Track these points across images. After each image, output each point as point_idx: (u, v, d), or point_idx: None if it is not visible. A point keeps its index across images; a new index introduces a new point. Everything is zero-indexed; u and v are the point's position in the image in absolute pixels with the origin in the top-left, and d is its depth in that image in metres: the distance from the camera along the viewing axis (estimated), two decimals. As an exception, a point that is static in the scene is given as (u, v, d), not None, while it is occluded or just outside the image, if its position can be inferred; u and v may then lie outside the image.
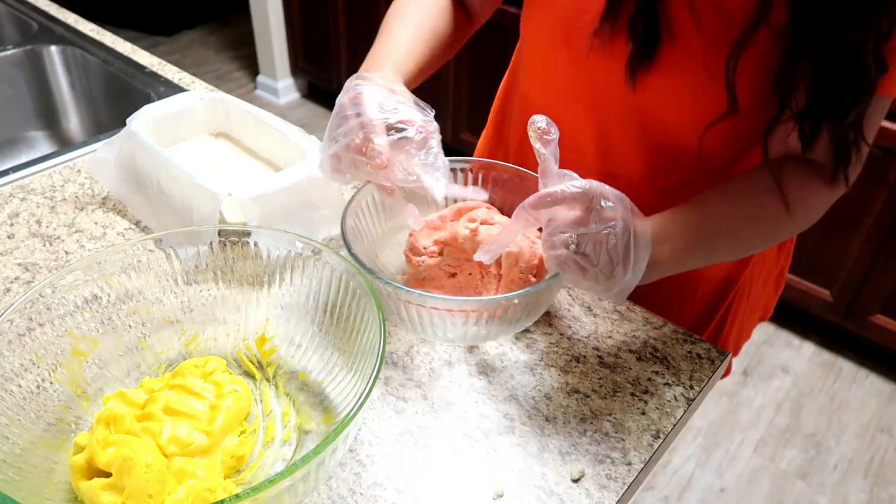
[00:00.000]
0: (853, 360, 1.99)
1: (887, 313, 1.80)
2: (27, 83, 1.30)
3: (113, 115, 1.28)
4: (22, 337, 0.57)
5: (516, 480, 0.60)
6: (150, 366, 0.66)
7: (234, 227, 0.67)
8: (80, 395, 0.61)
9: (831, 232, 1.79)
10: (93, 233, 0.87)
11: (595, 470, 0.61)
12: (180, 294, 0.67)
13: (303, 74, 3.10)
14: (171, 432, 0.55)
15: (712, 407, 1.85)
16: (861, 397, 1.89)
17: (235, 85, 3.31)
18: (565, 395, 0.68)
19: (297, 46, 3.00)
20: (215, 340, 0.68)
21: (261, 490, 0.45)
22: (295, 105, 3.18)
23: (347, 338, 0.62)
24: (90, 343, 0.62)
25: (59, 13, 1.41)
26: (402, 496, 0.59)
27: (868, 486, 1.67)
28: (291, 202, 0.78)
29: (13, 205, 0.92)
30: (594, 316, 0.77)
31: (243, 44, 3.62)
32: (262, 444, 0.60)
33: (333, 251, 0.63)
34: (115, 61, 1.25)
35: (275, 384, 0.66)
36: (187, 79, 1.22)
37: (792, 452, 1.75)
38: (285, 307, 0.67)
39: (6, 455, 0.52)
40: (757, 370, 1.96)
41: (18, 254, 0.84)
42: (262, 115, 0.90)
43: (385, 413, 0.66)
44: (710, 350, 0.73)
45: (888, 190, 1.65)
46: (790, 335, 2.06)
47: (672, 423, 0.65)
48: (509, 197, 0.78)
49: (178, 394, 0.59)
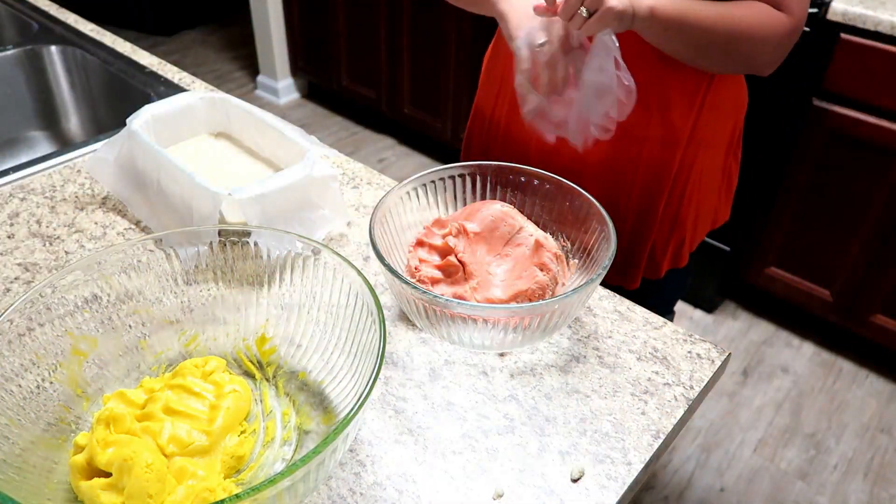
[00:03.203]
0: (853, 360, 1.99)
1: (887, 313, 1.80)
2: (27, 83, 1.30)
3: (113, 115, 1.28)
4: (22, 337, 0.57)
5: (516, 480, 0.60)
6: (150, 366, 0.66)
7: (234, 227, 0.67)
8: (80, 395, 0.61)
9: (831, 232, 1.79)
10: (93, 233, 0.87)
11: (595, 470, 0.61)
12: (180, 294, 0.67)
13: (303, 74, 3.10)
14: (171, 432, 0.55)
15: (712, 407, 1.85)
16: (861, 397, 1.89)
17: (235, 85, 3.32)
18: (565, 395, 0.68)
19: (297, 46, 3.00)
20: (215, 340, 0.68)
21: (261, 490, 0.45)
22: (295, 105, 3.18)
23: (347, 338, 0.62)
24: (90, 343, 0.62)
25: (59, 13, 1.41)
26: (402, 496, 0.59)
27: (868, 486, 1.67)
28: (291, 202, 0.78)
29: (13, 205, 0.92)
30: (594, 316, 0.77)
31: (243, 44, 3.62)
32: (262, 444, 0.60)
33: (333, 251, 0.63)
34: (115, 61, 1.25)
35: (275, 384, 0.66)
36: (187, 79, 1.22)
37: (792, 452, 1.75)
38: (285, 307, 0.67)
39: (6, 455, 0.52)
40: (757, 370, 1.96)
41: (18, 254, 0.84)
42: (262, 115, 0.90)
43: (385, 413, 0.66)
44: (710, 350, 0.73)
45: (888, 190, 1.65)
46: (790, 335, 2.06)
47: (672, 423, 0.65)
48: (528, 199, 0.79)
49: (177, 394, 0.59)
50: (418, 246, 0.75)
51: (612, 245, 0.68)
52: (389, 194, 0.74)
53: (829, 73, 1.63)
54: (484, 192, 0.80)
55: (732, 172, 1.08)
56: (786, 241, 1.89)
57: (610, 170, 0.97)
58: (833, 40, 1.60)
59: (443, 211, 0.80)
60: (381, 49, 2.63)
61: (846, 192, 1.73)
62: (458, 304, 0.63)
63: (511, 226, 0.75)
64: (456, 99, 2.50)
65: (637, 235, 1.01)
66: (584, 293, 0.65)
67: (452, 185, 0.79)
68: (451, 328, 0.66)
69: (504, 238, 0.75)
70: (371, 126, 3.02)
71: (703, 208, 1.05)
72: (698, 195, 1.02)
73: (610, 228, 0.70)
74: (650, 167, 0.96)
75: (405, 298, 0.66)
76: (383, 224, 0.73)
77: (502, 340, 0.67)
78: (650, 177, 0.97)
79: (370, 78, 2.74)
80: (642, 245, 1.02)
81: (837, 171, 1.72)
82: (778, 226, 1.88)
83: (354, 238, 0.88)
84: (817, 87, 1.67)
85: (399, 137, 2.95)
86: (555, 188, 0.77)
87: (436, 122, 2.63)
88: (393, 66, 2.63)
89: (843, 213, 1.75)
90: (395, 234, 0.76)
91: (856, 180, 1.70)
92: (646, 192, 0.98)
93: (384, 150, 2.89)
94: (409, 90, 2.65)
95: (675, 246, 1.04)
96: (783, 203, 1.84)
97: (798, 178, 1.78)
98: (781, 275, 1.94)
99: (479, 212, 0.76)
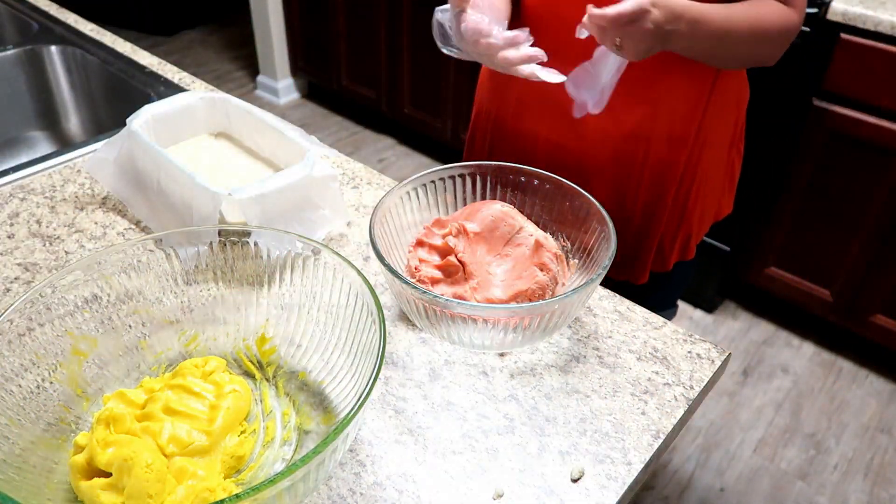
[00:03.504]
0: (853, 360, 1.99)
1: (887, 313, 1.80)
2: (27, 83, 1.30)
3: (113, 115, 1.28)
4: (22, 337, 0.57)
5: (516, 480, 0.60)
6: (150, 366, 0.66)
7: (234, 227, 0.67)
8: (80, 395, 0.61)
9: (831, 232, 1.79)
10: (93, 233, 0.87)
11: (595, 470, 0.61)
12: (180, 294, 0.67)
13: (303, 74, 3.10)
14: (171, 432, 0.55)
15: (712, 407, 1.85)
16: (861, 397, 1.89)
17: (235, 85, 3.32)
18: (565, 395, 0.68)
19: (297, 46, 3.00)
20: (215, 340, 0.68)
21: (261, 490, 0.45)
22: (295, 105, 3.18)
23: (347, 338, 0.62)
24: (90, 343, 0.62)
25: (59, 13, 1.41)
26: (402, 496, 0.59)
27: (868, 486, 1.67)
28: (291, 202, 0.78)
29: (13, 205, 0.92)
30: (594, 316, 0.77)
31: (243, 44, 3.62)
32: (262, 444, 0.60)
33: (333, 251, 0.63)
34: (115, 61, 1.25)
35: (275, 384, 0.66)
36: (187, 79, 1.22)
37: (792, 452, 1.75)
38: (285, 307, 0.67)
39: (6, 455, 0.52)
40: (757, 370, 1.96)
41: (18, 254, 0.84)
42: (262, 115, 0.90)
43: (385, 413, 0.66)
44: (710, 350, 0.73)
45: (888, 190, 1.65)
46: (790, 335, 2.06)
47: (672, 423, 0.65)
48: (528, 199, 0.79)
49: (177, 394, 0.59)
50: (418, 246, 0.75)
51: (612, 245, 0.68)
52: (389, 194, 0.74)
53: (829, 73, 1.63)
54: (484, 192, 0.80)
55: (735, 165, 1.09)
56: (786, 241, 1.89)
57: (617, 168, 0.97)
58: (833, 40, 1.60)
59: (443, 211, 0.80)
60: (381, 49, 2.62)
61: (846, 192, 1.73)
62: (458, 304, 0.63)
63: (511, 226, 0.75)
64: (456, 99, 2.49)
65: (644, 231, 1.02)
66: (584, 293, 0.65)
67: (452, 185, 0.79)
68: (451, 328, 0.67)
69: (504, 238, 0.75)
70: (371, 126, 3.02)
71: (708, 202, 1.06)
72: (704, 190, 1.03)
73: (610, 228, 0.70)
74: (657, 166, 0.96)
75: (405, 298, 0.66)
76: (383, 224, 0.73)
77: (502, 340, 0.67)
78: (657, 175, 0.97)
79: (370, 78, 2.74)
80: (650, 241, 1.03)
81: (837, 171, 1.72)
82: (778, 226, 1.88)
83: (354, 238, 0.88)
84: (817, 87, 1.66)
85: (399, 137, 2.95)
86: (555, 188, 0.77)
87: (436, 122, 2.63)
88: (393, 66, 2.63)
89: (843, 213, 1.75)
90: (395, 234, 0.76)
91: (856, 180, 1.70)
92: (653, 189, 0.98)
93: (384, 150, 2.89)
94: (409, 90, 2.65)
95: (682, 240, 1.05)
96: (783, 203, 1.84)
97: (798, 179, 1.78)
98: (781, 275, 1.94)
99: (479, 212, 0.76)
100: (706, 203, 1.05)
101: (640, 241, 1.03)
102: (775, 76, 1.70)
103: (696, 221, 1.05)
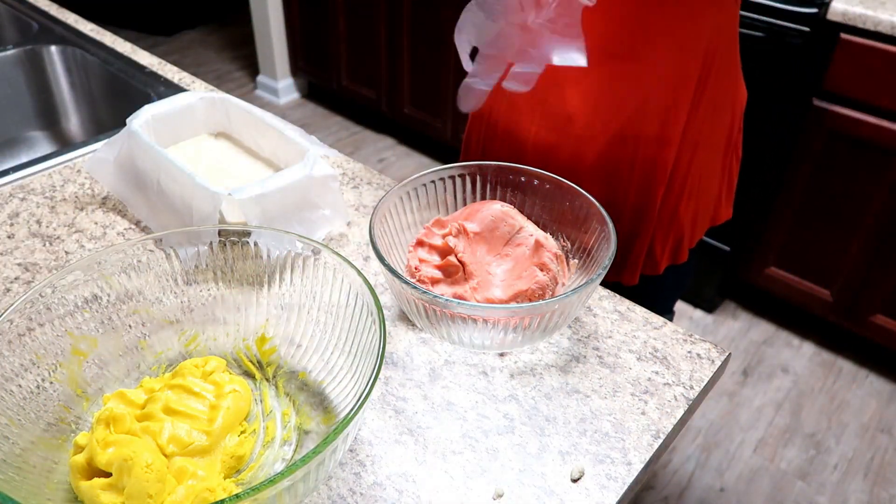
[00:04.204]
0: (853, 360, 1.99)
1: (887, 313, 1.80)
2: (27, 83, 1.30)
3: (113, 115, 1.28)
4: (22, 337, 0.57)
5: (516, 480, 0.60)
6: (150, 366, 0.66)
7: (234, 227, 0.67)
8: (80, 395, 0.61)
9: (831, 232, 1.79)
10: (93, 233, 0.87)
11: (595, 470, 0.61)
12: (180, 294, 0.67)
13: (303, 74, 3.10)
14: (171, 432, 0.55)
15: (712, 407, 1.85)
16: (861, 397, 1.89)
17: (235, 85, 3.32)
18: (565, 395, 0.68)
19: (297, 46, 3.00)
20: (215, 340, 0.68)
21: (261, 490, 0.45)
22: (295, 105, 3.18)
23: (347, 338, 0.62)
24: (90, 343, 0.62)
25: (59, 13, 1.41)
26: (402, 496, 0.59)
27: (868, 486, 1.67)
28: (291, 202, 0.78)
29: (13, 205, 0.92)
30: (594, 316, 0.77)
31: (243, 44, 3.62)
32: (262, 444, 0.60)
33: (333, 251, 0.63)
34: (115, 61, 1.25)
35: (275, 384, 0.66)
36: (187, 79, 1.22)
37: (792, 452, 1.75)
38: (285, 307, 0.67)
39: (6, 455, 0.52)
40: (757, 370, 1.96)
41: (18, 254, 0.84)
42: (262, 115, 0.90)
43: (385, 413, 0.66)
44: (710, 350, 0.73)
45: (888, 190, 1.65)
46: (790, 335, 2.06)
47: (672, 423, 0.65)
48: (528, 199, 0.79)
49: (177, 394, 0.59)
50: (418, 246, 0.75)
51: (612, 245, 0.68)
52: (389, 194, 0.74)
53: (829, 73, 1.63)
54: (484, 192, 0.80)
55: (733, 170, 1.09)
56: (786, 241, 1.89)
57: (606, 168, 0.97)
58: (833, 40, 1.60)
59: (443, 211, 0.80)
60: (381, 49, 2.63)
61: (846, 192, 1.73)
62: (458, 304, 0.63)
63: (511, 226, 0.75)
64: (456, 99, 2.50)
65: (634, 232, 1.02)
66: (584, 293, 0.65)
67: (452, 185, 0.79)
68: (451, 328, 0.67)
69: (504, 238, 0.75)
70: (371, 126, 3.02)
71: (702, 206, 1.05)
72: (697, 193, 1.02)
73: (610, 228, 0.70)
74: (646, 165, 0.96)
75: (405, 298, 0.67)
76: (383, 224, 0.73)
77: (502, 340, 0.67)
78: (646, 175, 0.97)
79: (370, 78, 2.74)
80: (640, 242, 1.03)
81: (837, 171, 1.72)
82: (778, 226, 1.88)
83: (354, 238, 0.88)
84: (817, 87, 1.67)
85: (399, 137, 2.95)
86: (555, 188, 0.77)
87: (436, 122, 2.63)
88: (393, 66, 2.63)
89: (842, 212, 1.76)
90: (395, 234, 0.76)
91: (856, 180, 1.70)
92: (642, 189, 0.98)
93: (384, 150, 2.90)
94: (409, 90, 2.65)
95: (673, 242, 1.05)
96: (783, 203, 1.84)
97: (798, 178, 1.78)
98: (781, 275, 1.94)
99: (479, 212, 0.76)
100: (699, 206, 1.04)
101: (630, 241, 1.03)
102: (775, 76, 1.70)
103: (689, 224, 1.04)
